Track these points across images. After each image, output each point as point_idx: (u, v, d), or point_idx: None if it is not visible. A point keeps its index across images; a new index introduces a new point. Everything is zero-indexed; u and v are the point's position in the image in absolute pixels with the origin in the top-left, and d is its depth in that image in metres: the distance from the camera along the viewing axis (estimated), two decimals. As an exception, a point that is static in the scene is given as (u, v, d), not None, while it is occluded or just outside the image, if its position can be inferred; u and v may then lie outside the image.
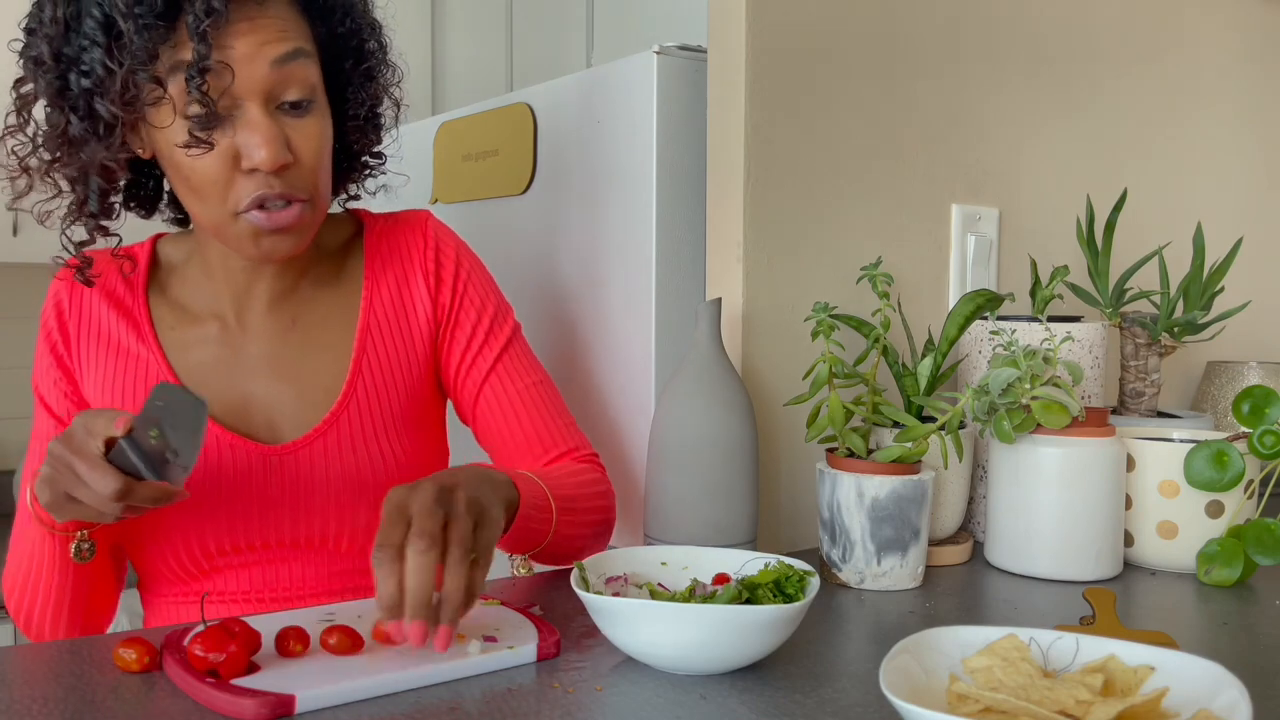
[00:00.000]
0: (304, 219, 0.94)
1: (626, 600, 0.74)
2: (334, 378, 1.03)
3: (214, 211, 0.92)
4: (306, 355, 1.04)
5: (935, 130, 1.28)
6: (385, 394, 1.04)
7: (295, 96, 0.91)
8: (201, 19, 0.83)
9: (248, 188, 0.90)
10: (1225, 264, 1.23)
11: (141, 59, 0.84)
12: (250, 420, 1.01)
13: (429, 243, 1.08)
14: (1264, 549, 1.02)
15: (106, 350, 1.01)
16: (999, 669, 0.67)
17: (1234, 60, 1.67)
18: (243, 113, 0.89)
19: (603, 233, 1.27)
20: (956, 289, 1.31)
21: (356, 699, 0.71)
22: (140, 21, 0.83)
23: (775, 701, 0.72)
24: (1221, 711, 0.60)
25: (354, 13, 0.98)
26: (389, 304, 1.06)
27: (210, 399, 0.98)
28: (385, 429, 1.03)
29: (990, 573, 1.08)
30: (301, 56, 0.91)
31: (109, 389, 1.00)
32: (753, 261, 1.14)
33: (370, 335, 1.05)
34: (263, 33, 0.88)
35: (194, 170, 0.90)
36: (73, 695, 0.71)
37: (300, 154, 0.92)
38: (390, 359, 1.05)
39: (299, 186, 0.92)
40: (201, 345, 1.02)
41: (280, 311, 1.04)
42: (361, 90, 1.01)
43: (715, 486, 0.99)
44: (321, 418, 1.02)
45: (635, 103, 1.21)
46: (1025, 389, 1.01)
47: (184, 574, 1.00)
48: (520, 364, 1.09)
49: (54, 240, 0.99)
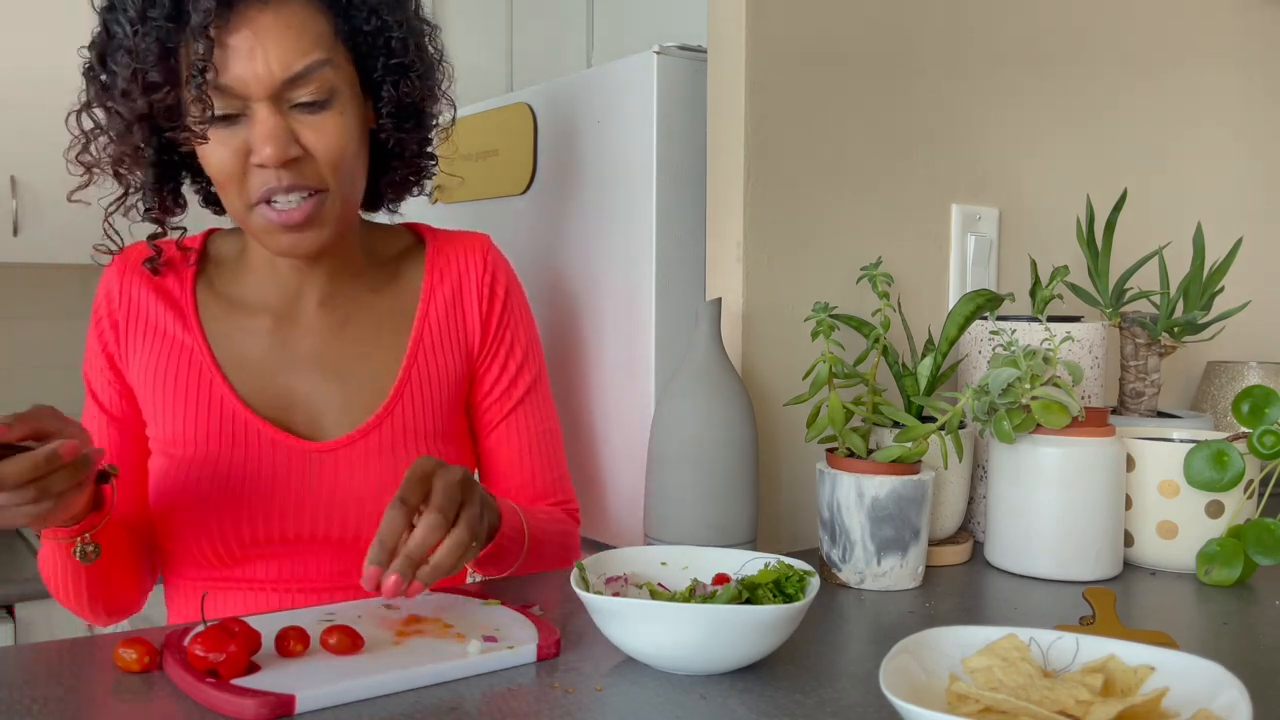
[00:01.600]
0: (320, 213, 0.96)
1: (626, 600, 0.74)
2: (382, 381, 1.05)
3: (234, 203, 0.96)
4: (356, 356, 1.05)
5: (935, 130, 1.28)
6: (430, 402, 1.06)
7: (309, 98, 0.93)
8: (201, 18, 0.87)
9: (258, 181, 0.93)
10: (1225, 264, 1.23)
11: (152, 60, 0.89)
12: (292, 415, 1.03)
13: (487, 267, 1.12)
14: (1264, 549, 1.01)
15: (152, 337, 1.03)
16: (999, 669, 0.67)
17: (1234, 61, 1.67)
18: (252, 111, 0.92)
19: (603, 233, 1.27)
20: (956, 289, 1.31)
21: (356, 699, 0.71)
22: (151, 24, 0.89)
23: (775, 701, 0.72)
24: (1221, 711, 0.60)
25: (381, 11, 0.98)
26: (443, 317, 1.09)
27: (254, 391, 1.02)
28: (426, 436, 1.05)
29: (990, 573, 1.08)
30: (316, 69, 0.92)
31: (153, 374, 1.02)
32: (753, 261, 1.14)
33: (422, 343, 1.07)
34: (273, 43, 0.90)
35: (211, 163, 0.94)
36: (73, 695, 0.71)
37: (313, 148, 0.94)
38: (438, 369, 1.07)
39: (310, 178, 0.94)
40: (249, 336, 1.04)
41: (332, 310, 1.06)
42: (394, 88, 1.00)
43: (715, 486, 0.99)
44: (366, 419, 1.03)
45: (635, 103, 1.21)
46: (1025, 389, 1.01)
47: (216, 560, 1.01)
48: (540, 410, 1.14)
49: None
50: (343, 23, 0.96)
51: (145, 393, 1.03)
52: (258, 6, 0.90)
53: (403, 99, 1.01)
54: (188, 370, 1.02)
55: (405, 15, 1.01)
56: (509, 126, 1.40)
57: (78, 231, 2.24)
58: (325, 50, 0.93)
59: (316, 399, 1.03)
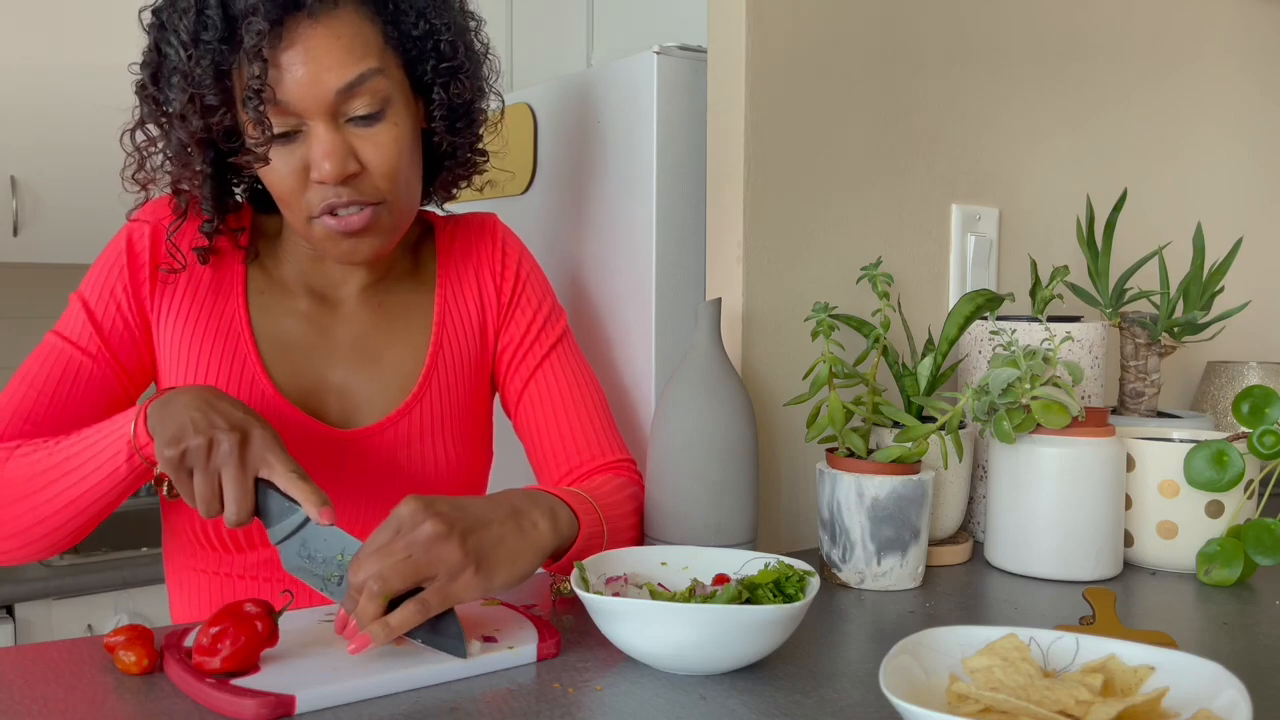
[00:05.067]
0: (378, 221, 0.96)
1: (626, 600, 0.74)
2: (410, 369, 1.06)
3: (295, 216, 0.96)
4: (387, 346, 1.06)
5: (935, 130, 1.28)
6: (456, 389, 1.07)
7: (364, 111, 0.93)
8: (253, 39, 0.87)
9: (318, 196, 0.94)
10: (1225, 264, 1.23)
11: (208, 83, 0.89)
12: (324, 403, 1.03)
13: (496, 243, 1.12)
14: (1264, 549, 1.02)
15: (193, 298, 1.01)
16: (999, 669, 0.67)
17: (1234, 61, 1.67)
18: (309, 128, 0.92)
19: (603, 233, 1.27)
20: (956, 289, 1.31)
21: (356, 699, 0.71)
22: (205, 46, 0.88)
23: (775, 701, 0.72)
24: (1221, 711, 0.60)
25: (429, 14, 0.97)
26: (460, 301, 1.10)
27: (287, 375, 1.01)
28: (453, 422, 1.06)
29: (990, 573, 1.08)
30: (368, 78, 0.92)
31: (187, 339, 1.00)
32: (753, 261, 1.14)
33: (445, 330, 1.08)
34: (325, 58, 0.90)
35: (271, 180, 0.94)
36: (73, 695, 0.71)
37: (370, 163, 0.94)
38: (461, 354, 1.08)
39: (368, 192, 0.95)
40: (289, 318, 1.04)
41: (370, 300, 1.07)
42: (444, 90, 1.00)
43: (715, 486, 0.99)
44: (396, 407, 1.04)
45: (635, 103, 1.21)
46: (1025, 389, 1.01)
47: (226, 546, 1.00)
48: (569, 363, 1.11)
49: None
50: (391, 29, 0.95)
51: (171, 351, 1.00)
52: (308, 22, 0.89)
53: (453, 100, 1.01)
54: (224, 341, 1.01)
55: (451, 15, 1.00)
56: (509, 126, 1.40)
57: (78, 231, 2.24)
58: (376, 58, 0.93)
59: (348, 387, 1.04)
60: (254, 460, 0.81)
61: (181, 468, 0.81)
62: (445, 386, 1.06)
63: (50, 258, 2.29)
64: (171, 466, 0.81)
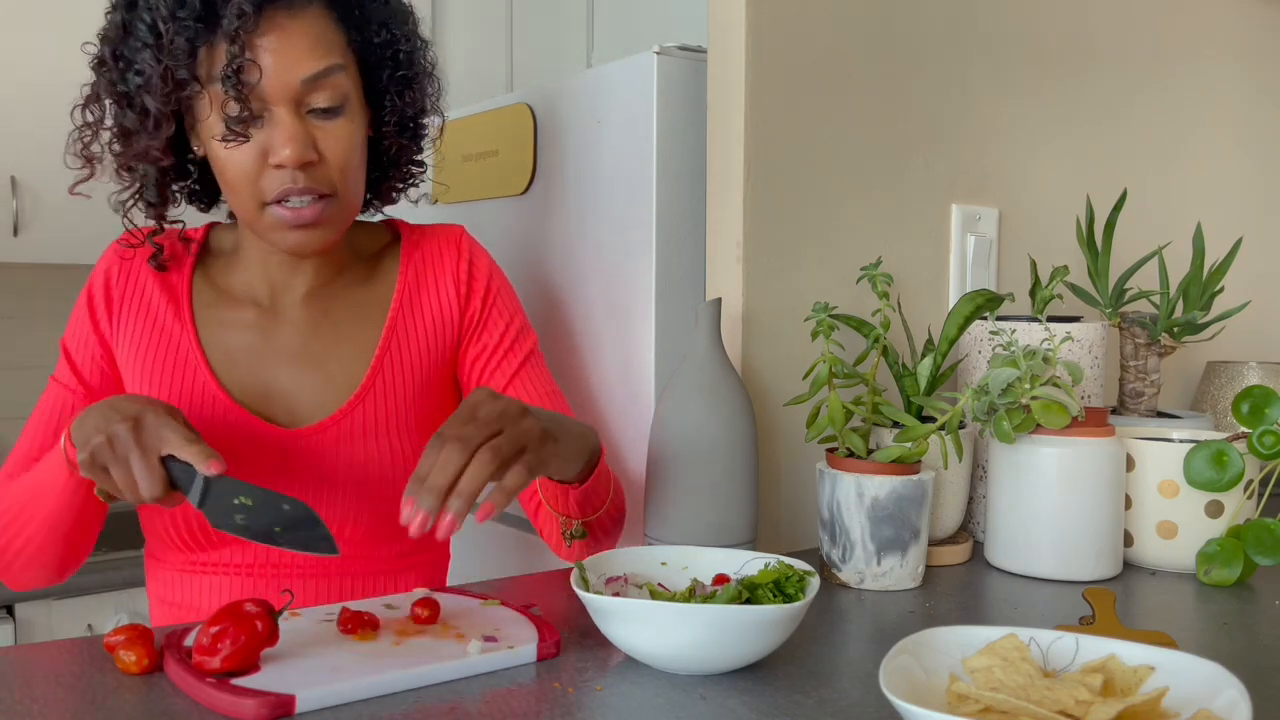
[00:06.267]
0: (328, 214, 1.00)
1: (626, 600, 0.74)
2: (356, 369, 1.08)
3: (245, 203, 0.98)
4: (333, 347, 1.08)
5: (935, 130, 1.28)
6: (403, 390, 1.08)
7: (325, 104, 0.97)
8: (234, 21, 0.91)
9: (274, 181, 0.97)
10: (1225, 264, 1.23)
11: (182, 58, 0.92)
12: (271, 405, 1.06)
13: (463, 254, 1.14)
14: (1264, 549, 1.02)
15: (144, 318, 1.06)
16: (999, 669, 0.67)
17: (1234, 62, 1.67)
18: (272, 114, 0.95)
19: (603, 233, 1.27)
20: (956, 289, 1.31)
21: (356, 699, 0.71)
22: (180, 23, 0.92)
23: (775, 701, 0.72)
24: (1221, 711, 0.60)
25: (391, 24, 1.03)
26: (417, 306, 1.12)
27: (235, 380, 1.05)
28: (399, 423, 1.07)
29: (990, 573, 1.08)
30: (332, 73, 0.97)
31: (140, 355, 1.06)
32: (753, 261, 1.14)
33: (396, 333, 1.10)
34: (295, 48, 0.94)
35: (229, 163, 0.97)
36: (73, 695, 0.71)
37: (327, 153, 0.98)
38: (411, 357, 1.10)
39: (322, 182, 0.98)
40: (235, 328, 1.07)
41: (314, 304, 1.09)
42: (398, 98, 1.06)
43: (715, 486, 0.99)
44: (339, 407, 1.06)
45: (635, 103, 1.21)
46: (1025, 389, 1.01)
47: (193, 544, 1.04)
48: (538, 376, 1.14)
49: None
50: (355, 34, 1.01)
51: (129, 372, 1.06)
52: (285, 14, 0.94)
53: (405, 108, 1.06)
54: (174, 356, 1.05)
55: (409, 29, 1.05)
56: (509, 126, 1.40)
57: (78, 231, 2.24)
58: (340, 57, 0.98)
59: (294, 389, 1.06)
60: (151, 440, 0.85)
61: (96, 467, 0.85)
62: (391, 385, 1.08)
63: (50, 258, 2.29)
64: (88, 468, 0.86)
